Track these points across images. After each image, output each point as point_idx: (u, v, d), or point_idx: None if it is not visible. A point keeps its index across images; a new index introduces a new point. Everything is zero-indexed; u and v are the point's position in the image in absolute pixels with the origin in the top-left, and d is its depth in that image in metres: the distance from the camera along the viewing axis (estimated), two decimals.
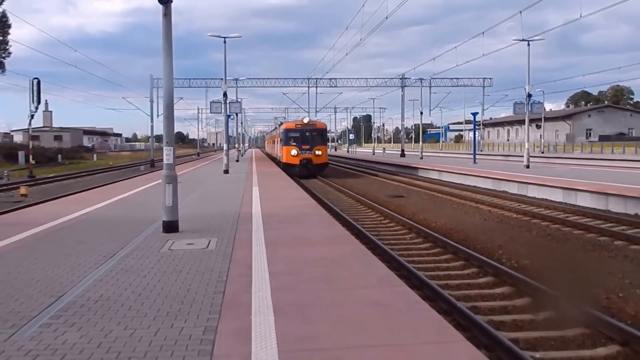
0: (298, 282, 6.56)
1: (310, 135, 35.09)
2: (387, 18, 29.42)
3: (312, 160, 34.25)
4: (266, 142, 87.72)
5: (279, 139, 40.63)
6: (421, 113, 57.68)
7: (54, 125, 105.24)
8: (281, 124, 50.77)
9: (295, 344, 4.56)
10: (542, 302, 7.94)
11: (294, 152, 34.26)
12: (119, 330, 4.94)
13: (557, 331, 6.96)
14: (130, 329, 4.97)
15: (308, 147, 34.45)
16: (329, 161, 36.96)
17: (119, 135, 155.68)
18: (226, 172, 28.06)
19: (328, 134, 57.39)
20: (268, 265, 7.31)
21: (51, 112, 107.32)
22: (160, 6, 9.98)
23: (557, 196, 20.12)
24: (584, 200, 18.62)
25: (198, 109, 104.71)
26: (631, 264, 10.39)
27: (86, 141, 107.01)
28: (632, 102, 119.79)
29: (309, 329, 4.89)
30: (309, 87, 61.62)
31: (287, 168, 33.47)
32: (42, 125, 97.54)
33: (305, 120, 36.23)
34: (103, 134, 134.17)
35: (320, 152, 34.73)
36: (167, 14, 10.08)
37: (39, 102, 38.16)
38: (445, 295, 8.01)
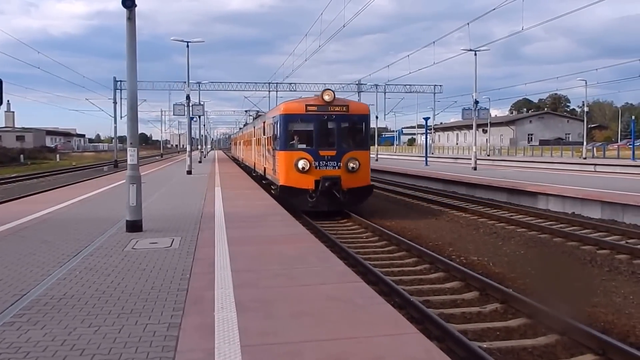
0: (260, 278, 6.51)
1: (338, 128, 17.07)
2: (344, 26, 29.59)
3: (340, 180, 16.44)
4: (234, 144, 62.96)
5: (264, 139, 22.07)
6: (377, 117, 58.61)
7: (16, 126, 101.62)
8: (257, 115, 31.75)
9: (257, 338, 4.53)
10: (489, 295, 8.13)
11: (302, 163, 16.42)
12: (83, 328, 4.80)
13: (503, 322, 7.14)
14: (94, 327, 4.84)
15: (334, 152, 16.75)
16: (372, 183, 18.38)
17: (82, 136, 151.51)
18: (189, 172, 27.66)
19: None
20: (230, 263, 7.24)
21: (13, 112, 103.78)
22: (125, 10, 9.77)
23: (501, 196, 20.63)
24: (527, 200, 19.15)
25: (161, 111, 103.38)
26: (569, 259, 10.74)
27: (49, 141, 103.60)
28: (568, 110, 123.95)
29: (270, 324, 4.86)
30: (269, 91, 61.34)
31: (288, 195, 16.71)
32: (4, 125, 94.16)
33: (327, 98, 16.87)
34: (66, 134, 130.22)
35: (356, 165, 16.67)
36: (131, 18, 9.87)
37: (0, 102, 36.69)
38: (399, 290, 8.10)
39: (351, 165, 16.49)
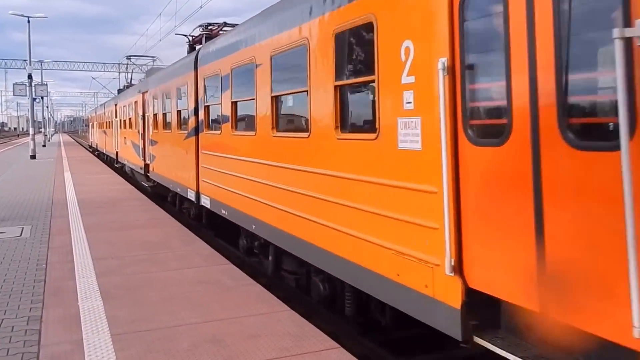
0: (123, 265, 6.17)
1: None
2: (201, 7, 28.70)
3: None
4: (98, 127, 35.77)
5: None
6: None
7: None
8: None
9: (128, 326, 4.29)
10: None
11: None
12: None
13: None
14: None
15: None
16: None
17: None
18: (33, 157, 25.16)
19: None
20: (90, 251, 6.77)
21: None
22: None
23: None
24: None
25: None
26: None
27: None
28: None
29: (140, 311, 4.64)
30: (119, 72, 57.54)
31: None
32: None
33: None
34: None
35: None
36: None
37: None
38: (263, 271, 8.16)
39: None
